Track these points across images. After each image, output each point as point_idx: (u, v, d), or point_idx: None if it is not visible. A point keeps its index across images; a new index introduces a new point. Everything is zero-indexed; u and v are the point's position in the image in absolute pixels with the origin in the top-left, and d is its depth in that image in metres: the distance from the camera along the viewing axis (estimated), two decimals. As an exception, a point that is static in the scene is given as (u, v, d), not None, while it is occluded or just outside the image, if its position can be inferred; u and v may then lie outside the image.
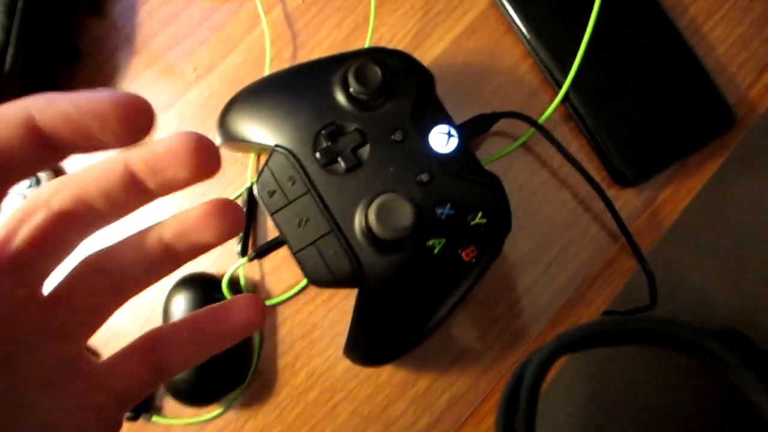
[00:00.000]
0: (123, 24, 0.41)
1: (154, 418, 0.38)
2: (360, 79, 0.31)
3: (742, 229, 1.26)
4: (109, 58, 0.41)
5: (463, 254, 0.32)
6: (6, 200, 0.16)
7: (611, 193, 0.37)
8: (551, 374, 0.26)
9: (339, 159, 0.32)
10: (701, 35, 0.38)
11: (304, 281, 0.38)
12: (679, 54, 0.37)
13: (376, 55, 0.33)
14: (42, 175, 0.38)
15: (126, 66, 0.40)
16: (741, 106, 0.37)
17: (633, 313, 0.42)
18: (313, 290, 0.38)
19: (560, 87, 0.36)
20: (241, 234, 0.38)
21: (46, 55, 0.39)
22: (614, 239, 0.37)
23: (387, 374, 0.38)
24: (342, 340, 0.37)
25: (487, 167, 0.33)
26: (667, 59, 0.37)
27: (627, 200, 0.37)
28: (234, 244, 0.38)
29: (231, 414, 0.38)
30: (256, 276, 0.39)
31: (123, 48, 0.41)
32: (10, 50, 0.35)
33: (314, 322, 0.38)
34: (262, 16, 0.39)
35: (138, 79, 0.40)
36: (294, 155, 0.32)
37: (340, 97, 0.33)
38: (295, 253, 0.32)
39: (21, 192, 0.38)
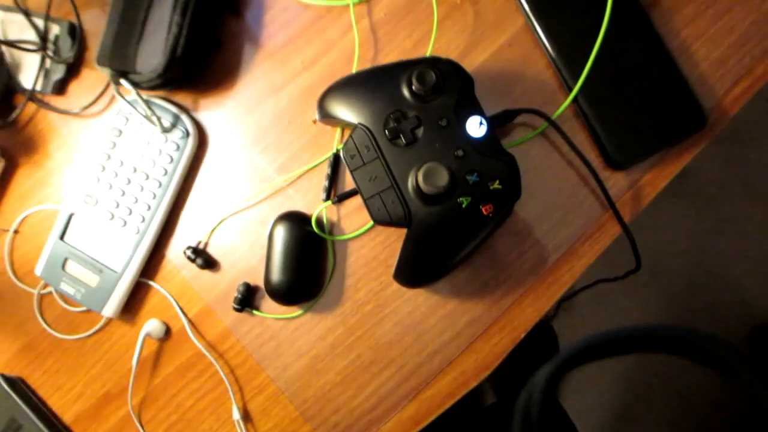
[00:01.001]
0: (252, 23, 0.56)
1: (255, 312, 0.53)
2: (420, 79, 0.44)
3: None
4: (240, 49, 0.56)
5: (483, 210, 0.44)
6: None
7: (605, 174, 0.48)
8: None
9: (401, 136, 0.45)
10: (690, 54, 0.49)
11: (370, 223, 0.52)
12: (667, 68, 0.48)
13: (433, 62, 0.46)
14: None
15: (252, 56, 0.55)
16: (714, 111, 0.48)
17: (625, 277, 0.54)
18: (374, 232, 0.52)
19: (571, 90, 0.48)
20: (326, 184, 0.52)
21: (199, 43, 0.54)
22: (604, 209, 0.49)
23: (424, 296, 0.51)
24: (392, 270, 0.51)
25: (510, 150, 0.46)
26: (657, 71, 0.48)
27: (617, 180, 0.49)
28: (320, 192, 0.52)
29: (308, 316, 0.53)
30: (334, 218, 0.53)
31: (251, 42, 0.55)
32: (181, 41, 0.51)
33: (373, 255, 0.52)
34: (354, 25, 0.53)
35: (260, 67, 0.55)
36: (370, 131, 0.46)
37: (405, 92, 0.46)
38: (365, 200, 0.46)
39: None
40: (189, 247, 0.54)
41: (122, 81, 0.52)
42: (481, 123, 0.45)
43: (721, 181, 1.31)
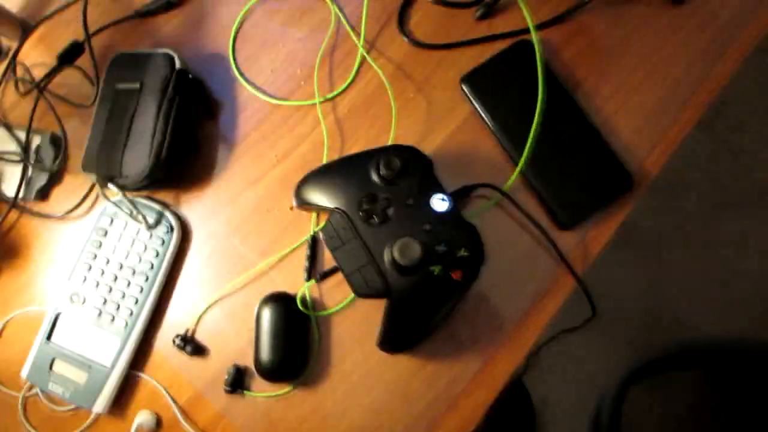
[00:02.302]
0: (227, 124, 0.61)
1: (246, 393, 0.55)
2: (387, 165, 0.50)
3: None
4: (217, 148, 0.61)
5: (454, 275, 0.50)
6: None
7: (554, 234, 0.55)
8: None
9: (374, 216, 0.51)
10: (611, 126, 0.57)
11: (349, 298, 0.56)
12: (593, 140, 0.56)
13: (397, 149, 0.52)
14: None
15: (229, 153, 0.60)
16: (639, 173, 0.56)
17: (584, 325, 0.60)
18: (355, 305, 0.56)
19: (517, 164, 0.55)
20: (306, 264, 0.56)
21: (180, 145, 0.58)
22: (558, 266, 0.55)
23: (406, 361, 0.55)
24: (375, 338, 0.55)
25: (470, 220, 0.52)
26: (586, 144, 0.56)
27: (566, 239, 0.55)
28: (301, 272, 0.56)
29: (298, 391, 0.55)
30: (316, 295, 0.57)
31: (227, 142, 0.61)
32: (165, 144, 0.55)
33: (356, 327, 0.56)
34: (321, 120, 0.59)
35: (237, 162, 0.60)
36: (346, 214, 0.51)
37: (374, 177, 0.51)
38: (347, 276, 0.50)
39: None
40: (178, 336, 0.56)
41: (110, 185, 0.56)
42: (443, 199, 0.51)
43: (657, 229, 1.42)
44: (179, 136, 0.57)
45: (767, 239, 1.42)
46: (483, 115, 0.57)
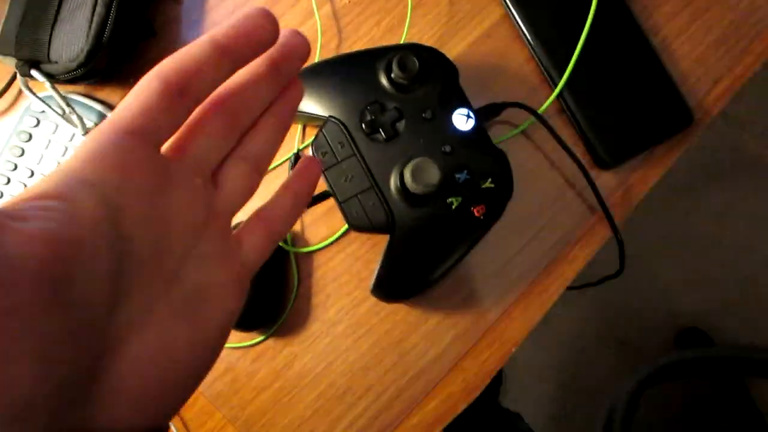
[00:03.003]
0: (194, 10, 0.48)
1: (206, 342, 0.45)
2: (401, 66, 0.39)
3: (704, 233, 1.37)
4: (178, 38, 0.48)
5: (475, 211, 0.40)
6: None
7: (593, 173, 0.45)
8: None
9: (380, 130, 0.40)
10: (670, 51, 0.47)
11: (338, 233, 0.46)
12: (651, 65, 0.46)
13: (414, 49, 0.41)
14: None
15: (194, 46, 0.48)
16: (698, 109, 0.46)
17: (603, 282, 0.51)
18: (344, 242, 0.46)
19: (556, 85, 0.45)
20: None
21: (129, 30, 0.46)
22: (593, 211, 0.46)
23: (404, 312, 0.46)
24: (367, 284, 0.45)
25: (497, 145, 0.42)
26: (641, 68, 0.46)
27: (605, 180, 0.46)
28: (282, 199, 0.45)
29: (270, 342, 0.45)
30: (297, 227, 0.46)
31: (192, 30, 0.48)
32: (110, 23, 0.43)
33: (344, 269, 0.46)
34: (315, 9, 0.47)
35: (204, 58, 0.48)
36: (344, 125, 0.40)
37: (384, 81, 0.40)
38: (341, 203, 0.40)
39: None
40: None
41: (33, 72, 0.43)
42: (468, 116, 0.40)
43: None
44: (128, 15, 0.44)
45: (747, 212, 1.38)
46: (518, 19, 0.46)
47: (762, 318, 1.31)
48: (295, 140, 0.46)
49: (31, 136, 0.46)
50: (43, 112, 0.46)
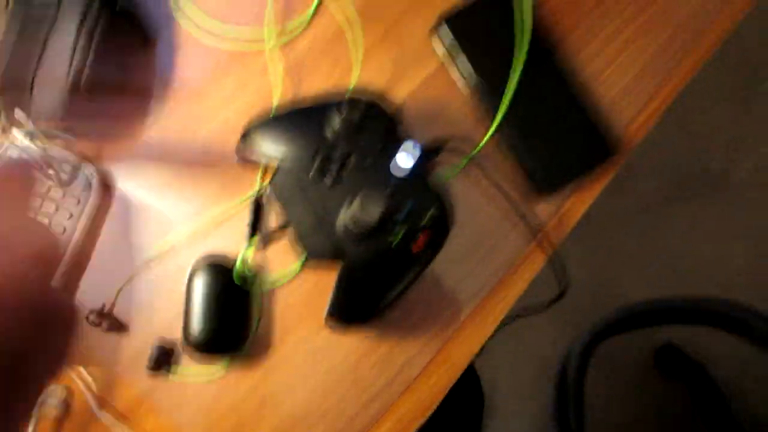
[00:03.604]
0: (165, 63, 0.52)
1: (172, 372, 0.48)
2: (345, 118, 0.43)
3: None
4: (150, 92, 0.52)
5: (414, 247, 0.44)
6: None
7: (527, 204, 0.49)
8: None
9: (328, 174, 0.44)
10: (597, 85, 0.51)
11: (298, 264, 0.49)
12: (577, 100, 0.50)
13: (358, 99, 0.45)
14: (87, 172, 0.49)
15: (163, 99, 0.52)
16: (623, 137, 0.51)
17: (550, 306, 0.54)
18: (302, 277, 0.49)
19: (492, 122, 0.49)
20: (248, 226, 0.49)
21: (105, 81, 0.49)
22: (530, 239, 0.50)
23: (357, 340, 0.49)
24: (322, 316, 0.48)
25: (436, 184, 0.46)
26: (568, 105, 0.50)
27: (541, 208, 0.50)
28: (242, 235, 0.49)
29: (232, 370, 0.48)
30: (259, 262, 0.50)
31: (162, 83, 0.52)
32: (87, 70, 0.46)
33: (302, 300, 0.49)
34: (274, 60, 0.51)
35: (174, 109, 0.51)
36: (296, 169, 0.44)
37: (329, 130, 0.44)
38: (295, 236, 0.44)
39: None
40: (92, 311, 0.48)
41: (16, 112, 0.47)
42: (407, 158, 0.44)
43: (608, 208, 1.40)
44: (104, 66, 0.48)
45: (715, 228, 1.42)
46: (459, 63, 0.50)
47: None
48: (257, 182, 0.50)
49: (8, 186, 0.50)
50: (25, 149, 0.49)
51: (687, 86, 0.52)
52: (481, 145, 0.50)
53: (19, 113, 0.47)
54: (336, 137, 0.44)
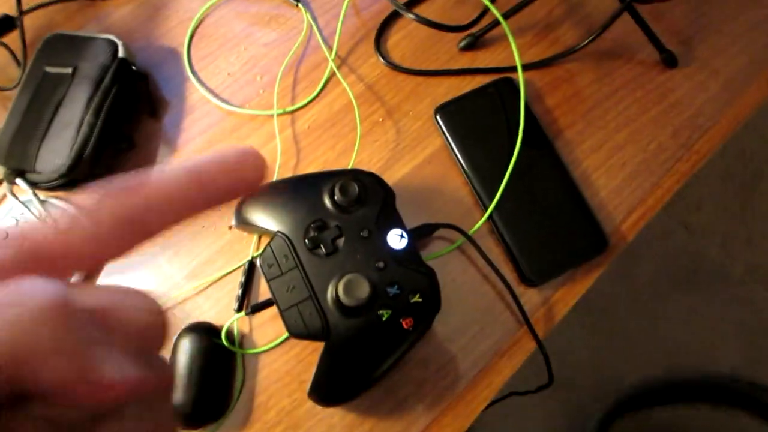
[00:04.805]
0: (170, 126, 0.55)
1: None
2: (342, 190, 0.45)
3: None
4: (155, 151, 0.54)
5: (404, 323, 0.44)
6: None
7: (519, 290, 0.50)
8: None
9: (321, 246, 0.44)
10: (590, 182, 0.53)
11: (283, 337, 0.49)
12: (571, 194, 0.51)
13: (356, 174, 0.47)
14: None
15: (168, 158, 0.54)
16: (614, 235, 0.51)
17: (537, 391, 0.54)
18: (288, 345, 0.49)
19: (486, 209, 0.50)
20: (239, 293, 0.49)
21: (110, 143, 0.51)
22: (519, 325, 0.50)
23: (339, 416, 0.48)
24: (307, 386, 0.48)
25: (429, 263, 0.46)
26: (563, 197, 0.51)
27: (530, 297, 0.50)
28: (232, 301, 0.49)
29: (211, 440, 0.47)
30: (246, 329, 0.50)
31: (167, 144, 0.54)
32: (92, 141, 0.48)
33: (286, 370, 0.49)
34: (277, 134, 0.54)
35: (175, 170, 0.53)
36: (289, 239, 0.45)
37: (327, 201, 0.46)
38: (282, 311, 0.43)
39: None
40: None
41: (18, 180, 0.48)
42: (402, 236, 0.45)
43: (610, 293, 1.40)
44: (110, 133, 0.50)
45: (711, 321, 1.41)
46: (455, 150, 0.52)
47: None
48: (251, 249, 0.51)
49: (8, 235, 0.50)
50: (22, 214, 0.50)
51: (686, 184, 0.53)
52: (475, 227, 0.51)
53: (21, 182, 0.48)
54: (334, 207, 0.45)
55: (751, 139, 1.52)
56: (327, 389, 0.45)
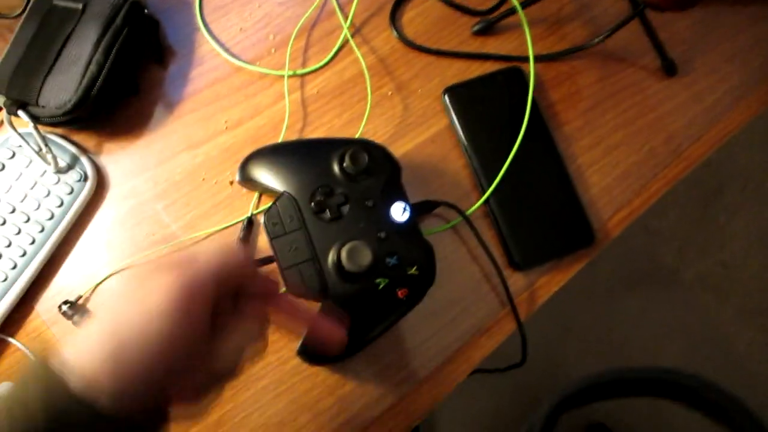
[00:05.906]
0: (177, 76, 0.54)
1: None
2: (353, 159, 0.46)
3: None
4: (160, 98, 0.53)
5: (399, 293, 0.45)
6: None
7: (506, 272, 0.52)
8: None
9: (327, 210, 0.45)
10: (584, 178, 0.55)
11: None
12: (565, 187, 0.54)
13: (367, 144, 0.47)
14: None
15: (172, 108, 0.53)
16: (600, 231, 0.54)
17: (509, 369, 0.57)
18: (280, 303, 0.50)
19: (485, 192, 0.52)
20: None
21: (116, 85, 0.51)
22: (503, 306, 0.52)
23: (323, 375, 0.50)
24: (294, 345, 0.49)
25: (426, 238, 0.48)
26: (557, 189, 0.54)
27: (515, 280, 0.53)
28: (229, 257, 0.50)
29: (195, 388, 0.48)
30: (239, 284, 0.50)
31: (173, 94, 0.53)
32: (100, 81, 0.48)
33: (275, 328, 0.50)
34: (286, 95, 0.54)
35: (179, 120, 0.53)
36: (296, 200, 0.45)
37: (336, 168, 0.46)
38: (282, 269, 0.45)
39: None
40: (66, 302, 0.47)
41: (19, 112, 0.47)
42: (405, 209, 0.47)
43: (568, 287, 1.46)
44: (117, 74, 0.50)
45: (660, 321, 1.49)
46: (459, 131, 0.54)
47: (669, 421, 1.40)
48: (250, 206, 0.51)
49: (3, 166, 0.49)
50: (20, 146, 0.49)
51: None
52: (472, 209, 0.52)
53: (22, 114, 0.47)
54: (342, 174, 0.46)
55: (719, 152, 1.59)
56: (315, 352, 0.46)
